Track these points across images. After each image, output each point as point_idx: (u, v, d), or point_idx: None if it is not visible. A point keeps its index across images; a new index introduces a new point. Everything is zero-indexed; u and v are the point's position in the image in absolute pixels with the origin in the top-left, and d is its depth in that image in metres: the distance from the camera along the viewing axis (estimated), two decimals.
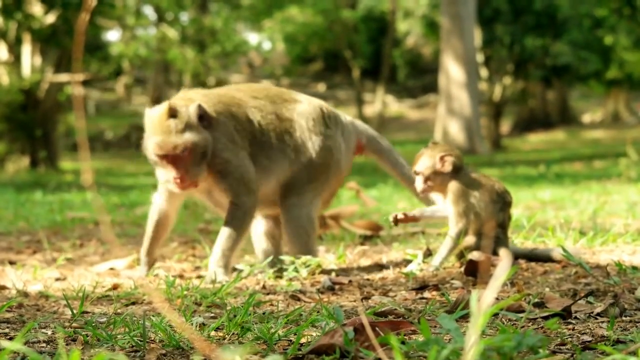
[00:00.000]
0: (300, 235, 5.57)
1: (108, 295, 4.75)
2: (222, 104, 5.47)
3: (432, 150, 5.49)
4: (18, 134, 27.16)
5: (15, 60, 27.52)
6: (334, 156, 5.70)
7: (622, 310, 3.79)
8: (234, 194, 5.36)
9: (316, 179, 5.64)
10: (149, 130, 5.33)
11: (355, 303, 4.44)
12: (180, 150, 5.18)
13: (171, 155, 5.20)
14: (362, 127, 6.03)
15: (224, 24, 44.77)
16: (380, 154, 6.03)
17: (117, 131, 44.89)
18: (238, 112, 5.47)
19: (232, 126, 5.41)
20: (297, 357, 3.09)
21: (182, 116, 5.23)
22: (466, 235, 5.39)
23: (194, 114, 5.25)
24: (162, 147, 5.20)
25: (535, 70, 39.16)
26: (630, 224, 7.35)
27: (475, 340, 2.35)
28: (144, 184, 18.61)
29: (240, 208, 5.37)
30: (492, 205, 5.37)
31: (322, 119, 5.71)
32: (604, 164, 23.53)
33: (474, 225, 5.39)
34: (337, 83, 57.63)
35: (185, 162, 5.21)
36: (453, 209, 5.39)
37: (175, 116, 5.22)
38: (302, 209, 5.58)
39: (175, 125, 5.20)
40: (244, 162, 5.40)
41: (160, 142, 5.20)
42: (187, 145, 5.18)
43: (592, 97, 53.03)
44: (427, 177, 5.45)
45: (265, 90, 5.70)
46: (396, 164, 6.04)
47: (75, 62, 6.03)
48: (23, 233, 8.35)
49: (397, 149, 6.15)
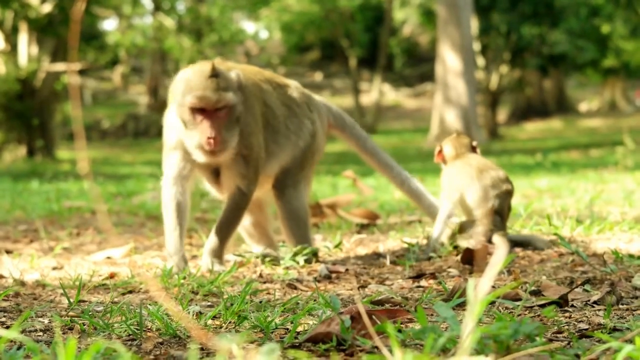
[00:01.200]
0: (299, 227, 5.58)
1: (105, 284, 4.74)
2: (252, 83, 5.37)
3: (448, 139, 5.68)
4: (15, 123, 27.16)
5: (12, 50, 27.51)
6: (317, 140, 5.71)
7: (618, 298, 3.79)
8: (246, 181, 5.26)
9: (307, 165, 5.66)
10: (185, 88, 5.05)
11: (352, 291, 4.45)
12: (222, 105, 4.97)
13: (209, 112, 4.98)
14: (328, 105, 6.01)
15: (221, 13, 44.70)
16: (344, 130, 6.02)
17: (113, 120, 44.85)
18: (260, 95, 5.41)
19: (258, 109, 5.33)
20: (293, 346, 3.09)
21: (225, 77, 5.06)
22: (462, 220, 5.44)
23: (236, 78, 5.11)
24: (202, 100, 4.95)
25: (532, 59, 39.14)
26: (627, 212, 7.36)
27: (472, 328, 2.35)
28: (140, 173, 18.61)
29: (246, 195, 5.29)
30: (486, 190, 5.39)
31: (306, 103, 5.71)
32: (600, 153, 23.56)
33: (465, 210, 5.44)
34: (333, 72, 57.61)
35: (221, 123, 4.99)
36: (444, 190, 5.50)
37: (218, 75, 5.02)
38: (299, 200, 5.58)
39: (218, 83, 5.00)
40: (261, 150, 5.33)
41: (201, 95, 4.95)
42: (229, 103, 5.00)
43: (588, 85, 53.05)
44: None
45: (262, 73, 5.67)
46: (360, 137, 6.04)
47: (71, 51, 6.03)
48: (20, 222, 8.35)
49: (394, 138, 6.17)
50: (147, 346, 3.16)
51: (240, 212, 5.34)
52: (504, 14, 37.26)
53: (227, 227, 5.31)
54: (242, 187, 5.27)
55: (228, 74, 5.10)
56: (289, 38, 54.18)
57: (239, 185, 5.27)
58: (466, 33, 31.62)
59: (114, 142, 41.78)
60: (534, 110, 46.34)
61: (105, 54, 39.13)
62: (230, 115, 5.03)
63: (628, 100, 49.32)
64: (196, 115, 5.00)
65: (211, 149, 4.97)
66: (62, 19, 26.76)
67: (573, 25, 37.61)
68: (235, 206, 5.31)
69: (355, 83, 45.70)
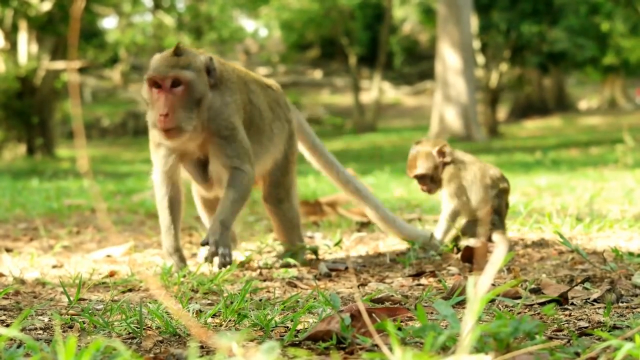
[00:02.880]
0: (294, 231, 5.57)
1: (105, 282, 4.74)
2: (237, 76, 5.23)
3: (423, 150, 5.51)
4: (14, 122, 27.18)
5: (12, 48, 27.52)
6: (294, 140, 5.65)
7: (618, 296, 3.79)
8: (239, 160, 5.02)
9: (292, 168, 5.58)
10: (150, 66, 4.98)
11: (352, 290, 4.45)
12: (174, 80, 4.83)
13: (164, 88, 4.84)
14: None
15: (221, 11, 44.75)
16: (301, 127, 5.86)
17: (113, 119, 44.87)
18: (245, 90, 5.27)
19: (240, 99, 5.14)
20: (293, 344, 3.09)
21: (189, 57, 4.93)
22: (461, 219, 5.44)
23: (202, 61, 4.96)
24: (155, 72, 4.85)
25: (531, 57, 39.13)
26: (627, 210, 7.36)
27: (471, 326, 2.35)
28: (140, 171, 18.60)
29: (246, 174, 5.02)
30: (485, 190, 5.39)
31: (285, 104, 5.63)
32: (600, 151, 23.56)
33: (467, 209, 5.42)
34: (333, 70, 57.58)
35: (176, 101, 4.83)
36: (445, 189, 5.44)
37: (181, 54, 4.91)
38: (292, 210, 5.55)
39: (178, 60, 4.88)
40: (245, 135, 5.14)
41: (155, 68, 4.86)
42: (183, 79, 4.84)
43: (588, 83, 53.05)
44: (431, 175, 5.48)
45: (249, 73, 5.56)
46: (310, 134, 5.87)
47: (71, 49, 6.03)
48: (20, 220, 8.35)
49: (394, 136, 6.16)
50: (147, 344, 3.16)
51: (244, 189, 5.04)
52: (504, 12, 37.25)
53: (234, 204, 5.02)
54: (237, 165, 5.02)
55: (194, 54, 4.97)
56: (289, 36, 54.14)
57: (233, 164, 5.03)
58: (466, 31, 31.63)
59: (113, 140, 41.81)
60: (534, 108, 46.35)
61: (105, 52, 39.14)
62: (188, 94, 4.85)
63: (628, 98, 49.32)
64: (153, 91, 4.89)
65: (163, 126, 4.81)
66: (62, 17, 26.77)
67: (573, 23, 37.61)
68: (237, 184, 5.02)
69: (355, 81, 45.69)
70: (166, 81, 4.84)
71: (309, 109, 47.99)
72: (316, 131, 5.97)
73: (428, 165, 5.47)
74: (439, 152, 5.48)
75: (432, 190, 5.55)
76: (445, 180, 5.46)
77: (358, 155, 27.78)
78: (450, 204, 5.44)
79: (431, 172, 5.47)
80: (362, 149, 30.88)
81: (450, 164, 5.48)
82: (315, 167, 5.92)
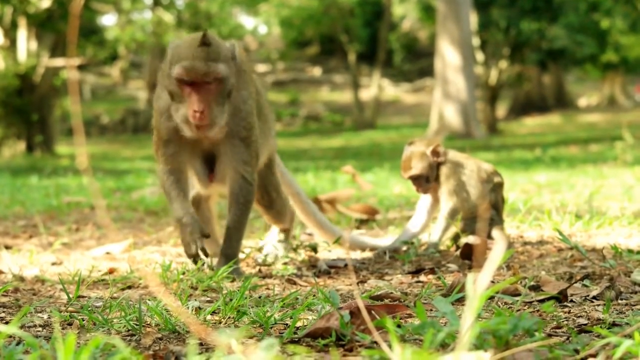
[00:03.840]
0: (287, 213, 5.56)
1: (104, 279, 4.74)
2: (250, 65, 5.10)
3: (417, 150, 5.50)
4: (14, 119, 27.17)
5: (11, 45, 27.51)
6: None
7: (617, 293, 3.79)
8: (249, 168, 4.89)
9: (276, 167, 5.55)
10: (173, 58, 4.70)
11: (351, 287, 4.45)
12: (211, 78, 4.61)
13: (198, 84, 4.62)
14: None
15: (220, 8, 44.73)
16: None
17: (112, 116, 44.88)
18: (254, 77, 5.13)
19: (253, 89, 4.99)
20: (293, 341, 3.09)
21: (218, 46, 4.70)
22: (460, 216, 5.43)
23: (231, 49, 4.77)
24: (190, 72, 4.60)
25: (531, 54, 39.15)
26: (626, 207, 7.36)
27: (471, 323, 2.35)
28: (139, 168, 18.60)
29: (251, 186, 4.92)
30: (482, 185, 5.39)
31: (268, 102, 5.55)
32: (599, 148, 23.55)
33: (467, 206, 5.42)
34: (333, 67, 57.58)
35: (209, 96, 4.64)
36: (444, 188, 5.43)
37: (210, 45, 4.66)
38: (282, 199, 5.53)
39: (208, 52, 4.63)
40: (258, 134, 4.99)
41: (189, 66, 4.60)
42: (219, 75, 4.63)
43: (588, 80, 53.06)
44: (426, 176, 5.46)
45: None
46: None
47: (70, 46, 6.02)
48: (19, 217, 8.35)
49: (393, 134, 6.15)
50: (146, 341, 3.16)
51: (248, 207, 4.96)
52: (503, 9, 37.25)
53: (239, 227, 4.94)
54: (245, 176, 4.89)
55: (221, 43, 4.76)
56: (288, 33, 54.13)
57: (242, 173, 4.89)
58: (465, 28, 31.63)
59: (113, 137, 41.79)
60: (533, 106, 46.36)
61: (105, 49, 39.09)
62: (221, 88, 4.69)
63: (627, 95, 49.33)
64: (184, 87, 4.66)
65: (198, 123, 4.63)
66: (61, 14, 26.76)
67: (572, 20, 37.60)
68: (244, 201, 4.93)
69: (355, 78, 45.67)
70: (201, 78, 4.64)
71: (308, 106, 48.00)
72: (315, 128, 5.94)
73: (423, 165, 5.46)
74: (433, 152, 5.47)
75: (427, 190, 5.54)
76: (444, 179, 5.45)
77: (357, 152, 27.77)
78: (449, 201, 5.44)
79: (426, 172, 5.46)
80: (362, 146, 30.88)
81: (446, 162, 5.47)
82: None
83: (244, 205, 4.93)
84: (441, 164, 5.47)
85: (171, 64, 4.70)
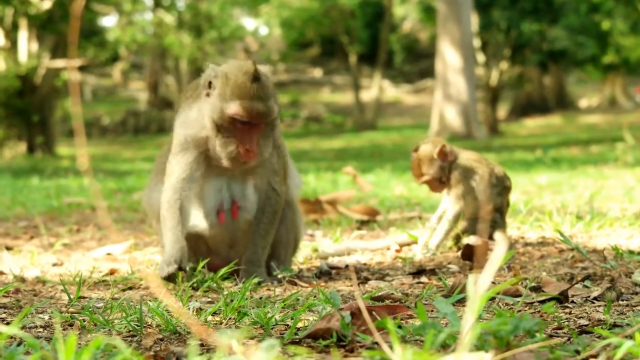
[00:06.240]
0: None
1: (105, 280, 4.74)
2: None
3: (424, 155, 5.47)
4: (15, 120, 27.19)
5: (12, 46, 27.54)
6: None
7: (618, 294, 3.79)
8: (279, 181, 4.83)
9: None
10: (227, 93, 4.51)
11: (352, 288, 4.45)
12: (269, 119, 4.53)
13: (252, 123, 4.51)
14: None
15: (221, 9, 44.75)
16: None
17: (113, 117, 44.89)
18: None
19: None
20: (294, 342, 3.09)
21: (265, 81, 4.54)
22: (463, 218, 5.42)
23: (271, 79, 4.65)
24: (249, 113, 4.44)
25: (532, 55, 39.15)
26: (627, 208, 7.35)
27: (472, 324, 2.35)
28: (140, 169, 18.60)
29: (280, 197, 4.84)
30: (490, 188, 5.38)
31: None
32: (600, 149, 23.54)
33: (471, 209, 5.40)
34: (333, 68, 57.57)
35: (261, 133, 4.54)
36: (453, 192, 5.41)
37: (260, 79, 4.52)
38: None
39: (263, 89, 4.50)
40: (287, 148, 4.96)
41: (249, 107, 4.44)
42: (274, 115, 4.55)
43: (588, 81, 53.04)
44: (439, 177, 5.44)
45: None
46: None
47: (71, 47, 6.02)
48: (20, 218, 8.35)
49: (394, 135, 6.14)
50: (147, 342, 3.16)
51: (276, 217, 4.85)
52: (504, 11, 37.25)
53: (265, 236, 4.83)
54: (275, 187, 4.82)
55: (264, 71, 4.61)
56: (289, 34, 54.11)
57: (272, 184, 4.82)
58: (466, 29, 31.62)
59: (113, 138, 41.81)
60: (534, 107, 46.35)
61: (105, 51, 39.10)
62: (272, 125, 4.61)
63: (628, 96, 49.31)
64: (237, 124, 4.51)
65: (248, 159, 4.54)
66: (62, 16, 26.78)
67: (573, 22, 37.61)
68: (272, 211, 4.83)
69: (355, 79, 45.67)
70: (258, 119, 4.51)
71: (309, 107, 48.00)
72: (316, 129, 5.94)
73: (434, 169, 5.44)
74: (440, 154, 5.44)
75: (442, 189, 5.53)
76: (454, 182, 5.41)
77: (358, 153, 27.77)
78: (455, 205, 5.40)
79: (438, 175, 5.45)
80: (363, 147, 30.88)
81: (458, 165, 5.43)
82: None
83: (271, 214, 4.83)
84: (452, 164, 5.44)
85: (225, 98, 4.52)
